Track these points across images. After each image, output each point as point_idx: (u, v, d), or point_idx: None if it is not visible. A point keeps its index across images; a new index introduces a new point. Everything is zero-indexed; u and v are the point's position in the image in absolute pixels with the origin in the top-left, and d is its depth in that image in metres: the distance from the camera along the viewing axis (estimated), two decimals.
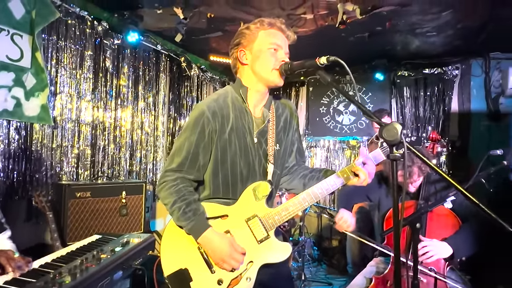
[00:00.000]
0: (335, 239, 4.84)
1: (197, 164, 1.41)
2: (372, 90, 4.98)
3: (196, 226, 1.36)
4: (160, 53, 4.10)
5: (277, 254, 1.42)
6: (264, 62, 1.41)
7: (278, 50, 1.42)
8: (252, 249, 1.41)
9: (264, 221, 1.42)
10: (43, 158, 2.87)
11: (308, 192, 1.42)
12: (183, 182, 1.41)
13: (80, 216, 2.73)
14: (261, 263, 1.41)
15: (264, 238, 1.42)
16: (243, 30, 1.47)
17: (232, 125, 1.42)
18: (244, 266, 1.39)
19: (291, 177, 1.64)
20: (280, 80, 1.43)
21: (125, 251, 1.65)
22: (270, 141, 1.48)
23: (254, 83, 1.46)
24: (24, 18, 2.65)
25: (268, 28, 1.44)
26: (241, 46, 1.47)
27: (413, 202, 2.09)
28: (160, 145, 4.13)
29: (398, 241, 0.99)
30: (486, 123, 4.29)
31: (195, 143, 1.39)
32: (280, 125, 1.54)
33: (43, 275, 1.33)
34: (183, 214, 1.36)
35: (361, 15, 3.11)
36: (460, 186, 1.00)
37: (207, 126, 1.39)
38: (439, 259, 1.93)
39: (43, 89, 2.78)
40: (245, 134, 1.44)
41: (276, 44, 1.42)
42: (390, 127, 0.96)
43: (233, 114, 1.43)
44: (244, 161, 1.43)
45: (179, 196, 1.38)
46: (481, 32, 3.57)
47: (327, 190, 1.40)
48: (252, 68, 1.45)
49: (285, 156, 1.57)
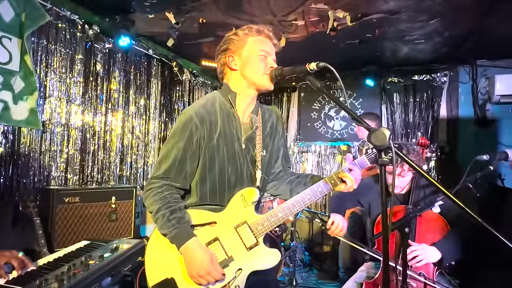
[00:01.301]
0: (326, 244, 4.84)
1: (184, 171, 1.39)
2: (362, 96, 5.04)
3: (180, 234, 1.32)
4: (151, 58, 4.09)
5: (267, 261, 1.41)
6: (254, 67, 1.42)
7: (267, 56, 1.45)
8: (241, 256, 1.39)
9: (253, 228, 1.41)
10: (31, 163, 2.82)
11: (297, 198, 1.42)
12: (168, 189, 1.38)
13: (69, 222, 2.69)
14: (250, 270, 1.39)
15: (254, 245, 1.40)
16: (231, 36, 1.48)
17: (220, 131, 1.40)
18: (233, 274, 1.37)
19: (277, 183, 1.64)
20: (270, 84, 1.44)
21: (114, 257, 1.63)
22: (258, 147, 1.48)
23: (244, 88, 1.46)
24: (13, 21, 2.62)
25: (256, 35, 1.46)
26: (229, 52, 1.47)
27: (402, 207, 2.11)
28: (151, 150, 4.10)
29: (387, 245, 1.00)
30: (474, 129, 4.37)
31: (182, 150, 1.37)
32: (266, 131, 1.54)
33: (29, 282, 1.30)
34: (166, 222, 1.32)
35: (352, 22, 3.15)
36: (447, 191, 1.02)
37: (195, 133, 1.36)
38: (428, 264, 1.95)
39: (32, 93, 2.74)
40: (233, 140, 1.43)
41: (265, 51, 1.44)
42: (378, 133, 0.97)
43: (221, 119, 1.42)
44: (232, 167, 1.42)
45: (163, 203, 1.35)
46: (468, 40, 3.66)
47: (315, 196, 1.41)
48: (242, 73, 1.45)
49: (271, 162, 1.57)
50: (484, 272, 2.81)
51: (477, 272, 2.79)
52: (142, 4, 3.07)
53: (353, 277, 2.25)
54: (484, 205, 2.98)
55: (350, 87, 5.01)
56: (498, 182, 3.66)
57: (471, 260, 2.06)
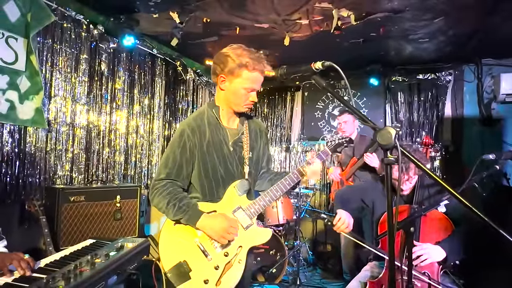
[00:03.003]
0: (330, 243, 4.84)
1: (182, 174, 1.67)
2: (366, 95, 5.02)
3: (193, 215, 1.59)
4: (155, 57, 4.10)
5: (261, 237, 1.71)
6: (238, 99, 1.65)
7: (252, 92, 1.64)
8: (240, 235, 1.65)
9: (247, 211, 1.69)
10: (37, 162, 2.84)
11: (278, 184, 1.72)
12: (172, 185, 1.65)
13: (74, 221, 2.71)
14: (249, 246, 1.67)
15: (249, 225, 1.69)
16: (232, 58, 1.59)
17: (209, 139, 1.68)
18: (235, 250, 1.64)
19: (261, 181, 1.89)
20: (245, 111, 1.72)
21: (120, 255, 1.64)
22: (245, 147, 1.75)
23: (225, 105, 1.71)
24: (19, 21, 2.64)
25: (252, 71, 1.60)
26: (223, 73, 1.63)
27: (407, 207, 2.10)
28: (155, 149, 4.12)
29: (393, 245, 1.00)
30: (479, 128, 4.34)
31: (179, 156, 1.65)
32: (252, 137, 1.80)
33: (36, 280, 1.31)
34: (178, 209, 1.59)
35: (356, 21, 3.15)
36: (453, 190, 1.02)
37: (187, 142, 1.65)
38: (432, 263, 1.94)
39: (38, 92, 2.76)
40: (221, 145, 1.70)
41: (252, 88, 1.63)
42: (383, 132, 0.96)
43: (208, 130, 1.69)
44: (223, 167, 1.69)
45: (171, 196, 1.61)
46: (473, 38, 3.63)
47: (292, 181, 1.72)
48: (225, 95, 1.68)
49: (258, 161, 1.83)
50: (489, 272, 2.79)
51: (482, 272, 2.77)
52: (147, 3, 3.08)
53: (357, 276, 2.25)
54: (490, 205, 2.97)
55: (354, 86, 5.00)
56: (504, 181, 3.64)
57: (475, 260, 2.05)
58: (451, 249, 1.92)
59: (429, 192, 2.19)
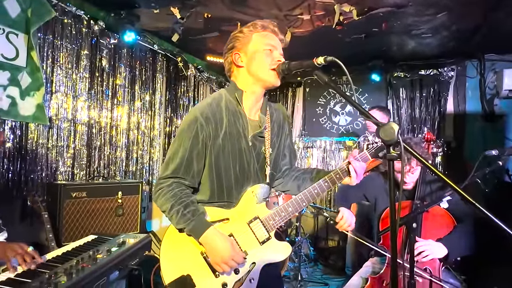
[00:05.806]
0: (331, 239, 4.85)
1: (192, 170, 1.40)
2: (368, 91, 5.00)
3: (197, 226, 1.33)
4: (156, 53, 4.09)
5: (279, 253, 1.46)
6: (260, 62, 1.41)
7: (273, 50, 1.44)
8: (254, 251, 1.43)
9: (265, 223, 1.44)
10: (39, 158, 2.85)
11: (305, 193, 1.45)
12: (178, 186, 1.39)
13: (76, 216, 2.71)
14: (263, 264, 1.43)
15: (266, 239, 1.44)
16: (237, 34, 1.49)
17: (226, 129, 1.41)
18: (247, 267, 1.40)
19: (284, 179, 1.67)
20: (277, 80, 1.43)
21: (121, 251, 1.65)
22: (267, 144, 1.50)
23: (250, 85, 1.45)
24: (19, 17, 2.63)
25: (261, 30, 1.46)
26: (235, 49, 1.47)
27: (409, 202, 2.10)
28: (156, 145, 4.12)
29: (395, 240, 1.00)
30: (481, 124, 4.32)
31: (189, 149, 1.38)
32: (274, 131, 1.56)
33: (38, 276, 1.32)
34: (182, 217, 1.34)
35: (358, 16, 3.12)
36: (456, 186, 1.01)
37: (200, 132, 1.37)
38: (434, 259, 1.94)
39: (39, 89, 2.76)
40: (239, 138, 1.44)
41: (271, 44, 1.44)
42: (386, 127, 0.96)
43: (226, 118, 1.42)
44: (239, 165, 1.44)
45: (175, 200, 1.36)
46: (476, 34, 3.60)
47: (322, 190, 1.45)
48: (248, 69, 1.44)
49: (278, 159, 1.60)
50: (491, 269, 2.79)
51: (483, 268, 2.77)
52: None
53: (358, 272, 2.26)
54: (492, 201, 2.96)
55: (356, 82, 4.97)
56: (506, 178, 3.63)
57: (477, 256, 2.04)
58: (452, 246, 1.92)
59: (431, 188, 2.18)
